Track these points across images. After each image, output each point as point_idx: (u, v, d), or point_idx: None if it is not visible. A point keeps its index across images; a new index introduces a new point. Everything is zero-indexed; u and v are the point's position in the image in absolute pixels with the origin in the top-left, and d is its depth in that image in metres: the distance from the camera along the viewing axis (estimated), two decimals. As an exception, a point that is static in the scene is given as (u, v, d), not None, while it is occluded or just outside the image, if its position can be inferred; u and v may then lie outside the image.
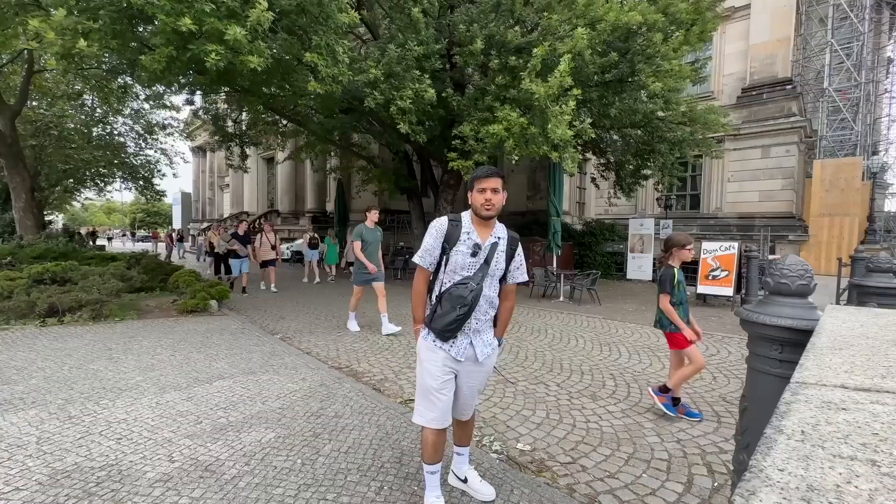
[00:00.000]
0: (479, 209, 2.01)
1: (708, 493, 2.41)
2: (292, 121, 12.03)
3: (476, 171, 2.05)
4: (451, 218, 2.10)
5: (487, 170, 2.04)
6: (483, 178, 2.00)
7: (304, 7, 6.42)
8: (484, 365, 2.14)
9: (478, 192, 2.01)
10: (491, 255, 2.02)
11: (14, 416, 3.16)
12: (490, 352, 2.14)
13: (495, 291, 2.09)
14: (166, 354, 4.85)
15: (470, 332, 2.06)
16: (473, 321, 2.03)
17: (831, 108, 17.32)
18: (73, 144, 15.93)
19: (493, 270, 2.03)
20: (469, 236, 2.04)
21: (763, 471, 0.42)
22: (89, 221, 65.72)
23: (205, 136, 32.98)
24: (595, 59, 7.48)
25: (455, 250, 2.03)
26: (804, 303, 1.46)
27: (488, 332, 2.15)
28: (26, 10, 7.43)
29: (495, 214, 2.04)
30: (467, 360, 2.08)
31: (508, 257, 2.08)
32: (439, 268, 2.09)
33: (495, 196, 2.00)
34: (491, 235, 2.06)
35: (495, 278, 2.06)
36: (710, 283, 9.03)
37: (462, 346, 2.06)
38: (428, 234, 2.11)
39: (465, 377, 2.11)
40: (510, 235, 2.12)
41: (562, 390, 3.96)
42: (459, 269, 2.02)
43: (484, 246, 2.03)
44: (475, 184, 2.02)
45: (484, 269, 2.00)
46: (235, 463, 2.59)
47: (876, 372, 0.69)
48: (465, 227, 2.06)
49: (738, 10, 15.13)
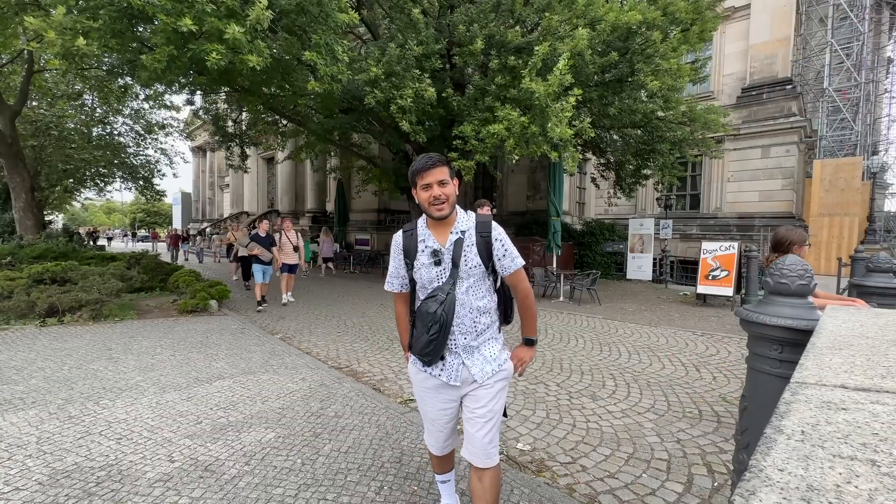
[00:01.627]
0: (428, 209, 1.65)
1: (708, 493, 2.41)
2: (292, 121, 12.03)
3: (414, 164, 1.64)
4: (405, 229, 1.78)
5: (426, 159, 1.62)
6: (423, 170, 1.61)
7: (304, 7, 6.43)
8: (488, 386, 1.71)
9: (421, 190, 1.64)
10: (458, 255, 1.65)
11: (14, 416, 3.16)
12: (496, 368, 1.72)
13: (481, 295, 1.70)
14: (166, 354, 4.85)
15: (459, 349, 1.70)
16: (459, 337, 1.69)
17: (831, 108, 17.32)
18: (73, 144, 15.92)
19: (467, 271, 1.66)
20: (426, 244, 1.69)
21: (763, 471, 0.42)
22: (89, 221, 65.73)
23: (205, 136, 33.02)
24: (595, 58, 7.49)
25: (417, 264, 1.71)
26: (804, 303, 1.46)
27: (489, 345, 1.75)
28: (26, 9, 7.43)
29: (449, 212, 1.64)
30: (464, 384, 1.72)
31: (483, 249, 1.67)
32: (415, 286, 1.80)
33: (443, 189, 1.61)
34: (451, 233, 1.69)
35: (475, 279, 1.68)
36: (709, 283, 9.03)
37: (453, 367, 1.71)
38: (391, 255, 1.84)
39: (469, 402, 1.75)
40: (478, 222, 1.71)
41: (562, 390, 3.96)
42: (428, 283, 1.70)
43: (445, 249, 1.67)
44: (416, 179, 1.64)
45: (454, 273, 1.65)
46: (235, 463, 2.59)
47: (876, 372, 0.69)
48: (420, 234, 1.72)
49: (738, 9, 15.13)
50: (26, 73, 11.93)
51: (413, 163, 1.64)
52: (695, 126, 10.13)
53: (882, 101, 20.36)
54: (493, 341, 1.77)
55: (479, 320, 1.70)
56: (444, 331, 1.62)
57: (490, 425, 1.70)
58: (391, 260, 1.84)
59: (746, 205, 15.10)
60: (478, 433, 1.69)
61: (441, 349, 1.66)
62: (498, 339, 1.80)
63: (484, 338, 1.74)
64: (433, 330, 1.61)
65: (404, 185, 13.22)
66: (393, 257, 1.82)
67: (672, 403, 3.67)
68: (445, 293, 1.62)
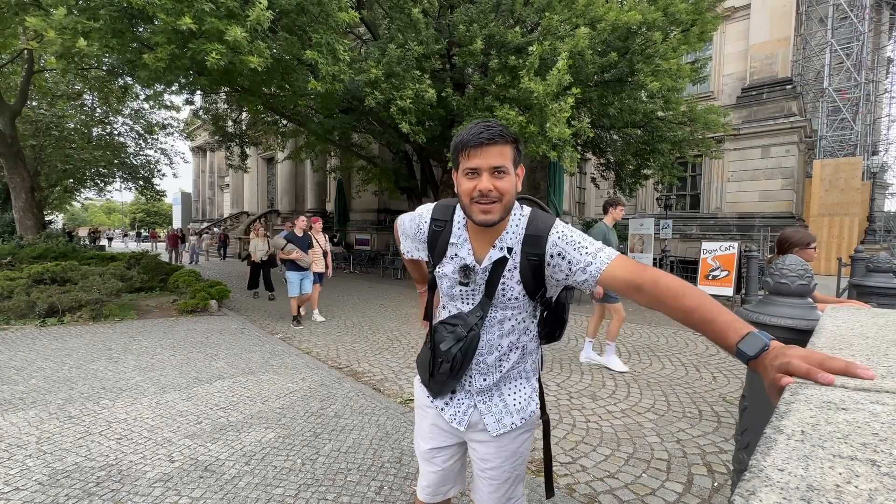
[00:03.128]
0: (469, 208, 1.09)
1: (708, 493, 2.41)
2: (292, 121, 12.04)
3: (462, 132, 1.09)
4: (436, 216, 1.24)
5: (481, 130, 1.06)
6: (471, 145, 1.05)
7: (304, 6, 6.43)
8: (505, 443, 1.26)
9: (464, 176, 1.08)
10: (495, 281, 1.15)
11: (14, 416, 3.16)
12: (517, 422, 1.26)
13: (517, 329, 1.21)
14: (166, 354, 4.85)
15: (474, 390, 1.25)
16: (477, 378, 1.24)
17: (831, 107, 17.32)
18: (73, 144, 15.92)
19: (504, 303, 1.17)
20: (457, 253, 1.19)
21: (763, 471, 0.42)
22: (89, 221, 65.75)
23: (205, 136, 33.03)
24: (595, 58, 7.49)
25: (440, 268, 1.23)
26: (804, 303, 1.47)
27: (517, 389, 1.27)
28: (26, 9, 7.44)
29: (501, 217, 1.08)
30: (470, 430, 1.28)
31: (530, 275, 1.14)
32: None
33: (498, 181, 1.05)
34: (494, 247, 1.14)
35: (513, 311, 1.18)
36: (709, 283, 9.04)
37: (461, 407, 1.27)
38: (400, 235, 1.39)
39: (476, 456, 1.30)
40: (527, 234, 1.14)
41: (562, 390, 3.96)
42: (449, 298, 1.24)
43: (481, 269, 1.16)
44: (459, 157, 1.09)
45: (485, 303, 1.18)
46: (235, 463, 2.59)
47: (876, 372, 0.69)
48: (454, 233, 1.20)
49: (738, 10, 15.15)
50: (26, 73, 11.93)
51: (461, 131, 1.10)
52: (695, 126, 10.14)
53: (882, 101, 20.36)
54: (523, 383, 1.29)
55: (507, 357, 1.23)
56: (457, 374, 1.20)
57: (506, 487, 1.30)
58: (402, 241, 1.38)
59: (746, 205, 15.11)
60: (489, 493, 1.30)
61: (449, 389, 1.27)
62: (530, 380, 1.30)
63: (511, 377, 1.27)
64: (442, 369, 1.19)
65: (404, 184, 13.23)
66: (404, 240, 1.36)
67: (672, 403, 3.67)
68: (468, 328, 1.17)
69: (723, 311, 0.89)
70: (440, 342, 1.19)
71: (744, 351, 0.80)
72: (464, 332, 1.16)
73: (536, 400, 1.32)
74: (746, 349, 0.79)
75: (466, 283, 1.18)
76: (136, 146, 17.94)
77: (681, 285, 0.97)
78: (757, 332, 0.82)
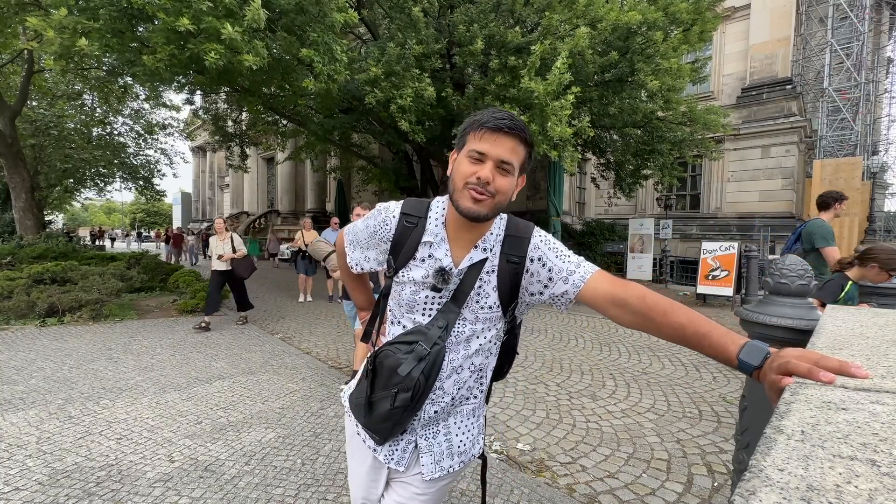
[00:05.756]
0: (460, 193, 0.96)
1: (708, 493, 2.41)
2: (292, 121, 12.04)
3: (478, 114, 0.98)
4: (406, 210, 1.08)
5: (501, 116, 0.94)
6: (493, 128, 0.93)
7: (303, 6, 6.43)
8: (434, 489, 1.08)
9: (466, 157, 0.96)
10: (468, 287, 1.00)
11: (14, 416, 3.16)
12: (456, 466, 1.08)
13: (483, 348, 1.04)
14: (166, 354, 4.85)
15: (417, 424, 1.05)
16: (428, 407, 1.03)
17: (831, 107, 17.31)
18: (72, 144, 15.92)
19: (474, 313, 1.02)
20: (431, 253, 1.02)
21: (763, 471, 0.42)
22: (89, 221, 65.72)
23: (205, 136, 32.99)
24: (595, 58, 7.50)
25: (405, 272, 1.04)
26: (804, 303, 1.47)
27: (467, 425, 1.10)
28: (26, 9, 7.44)
29: (487, 214, 0.96)
30: (407, 470, 1.07)
31: (508, 282, 1.01)
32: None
33: (502, 178, 0.95)
34: (477, 248, 1.02)
35: (482, 325, 1.03)
36: (709, 283, 9.04)
37: (399, 444, 1.07)
38: (356, 231, 1.16)
39: (393, 499, 1.10)
40: (507, 235, 1.04)
41: (562, 390, 3.96)
42: (407, 306, 1.05)
43: (457, 272, 1.01)
44: (466, 137, 0.98)
45: (449, 310, 1.01)
46: (235, 463, 2.59)
47: (876, 372, 0.69)
48: (430, 230, 1.04)
49: (738, 9, 15.14)
50: (26, 73, 11.93)
51: (477, 113, 1.00)
52: (695, 126, 10.14)
53: (882, 101, 20.36)
54: (473, 421, 1.11)
55: (465, 385, 1.05)
56: (416, 404, 0.98)
57: None
58: (348, 253, 1.17)
59: (746, 205, 15.11)
60: None
61: (402, 427, 1.03)
62: (479, 418, 1.13)
63: (462, 411, 1.08)
64: (400, 401, 0.97)
65: (404, 184, 13.23)
66: (362, 241, 1.14)
67: (672, 403, 3.67)
68: (431, 342, 0.98)
69: (714, 324, 0.88)
70: (395, 366, 0.97)
71: (747, 362, 0.77)
72: (425, 349, 0.97)
73: (482, 441, 1.15)
74: (750, 360, 0.76)
75: (440, 289, 1.01)
76: (136, 146, 17.94)
77: (668, 302, 0.93)
78: (754, 341, 0.79)
